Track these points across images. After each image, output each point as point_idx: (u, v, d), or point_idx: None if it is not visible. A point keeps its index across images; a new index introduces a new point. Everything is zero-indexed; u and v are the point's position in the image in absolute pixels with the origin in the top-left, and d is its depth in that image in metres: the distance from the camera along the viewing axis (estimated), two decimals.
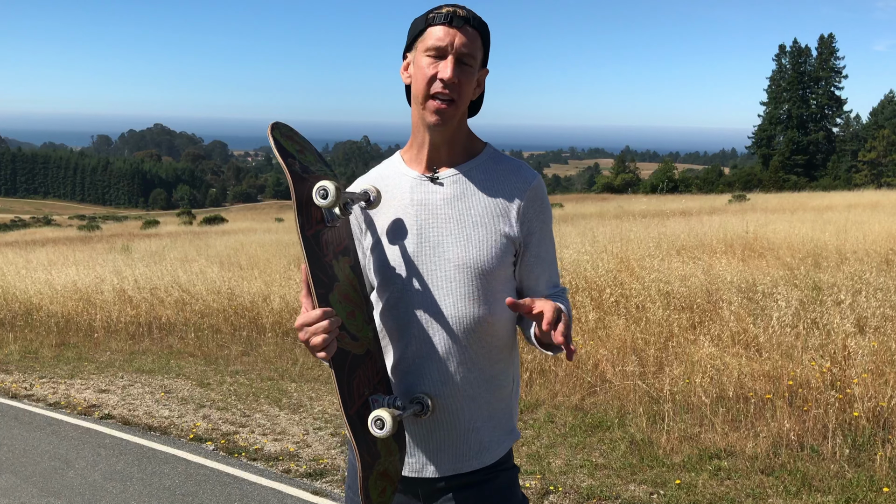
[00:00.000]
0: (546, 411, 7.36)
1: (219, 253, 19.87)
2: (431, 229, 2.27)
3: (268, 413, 7.97)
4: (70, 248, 25.97)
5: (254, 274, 14.42)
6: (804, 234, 15.41)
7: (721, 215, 24.71)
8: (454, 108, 2.19)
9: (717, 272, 10.68)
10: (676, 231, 17.00)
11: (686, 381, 7.20)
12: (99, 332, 12.51)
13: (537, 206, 2.32)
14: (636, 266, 11.40)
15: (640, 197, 61.53)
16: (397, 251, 2.29)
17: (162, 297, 13.36)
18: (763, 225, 17.99)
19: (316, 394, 8.59)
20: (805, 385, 6.71)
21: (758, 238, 14.80)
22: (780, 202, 37.61)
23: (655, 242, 14.41)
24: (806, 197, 43.64)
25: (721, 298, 9.12)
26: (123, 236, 37.77)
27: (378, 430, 2.02)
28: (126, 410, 8.33)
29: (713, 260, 12.28)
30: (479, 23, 2.21)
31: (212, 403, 8.41)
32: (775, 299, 8.69)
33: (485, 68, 2.30)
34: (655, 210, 29.62)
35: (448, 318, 2.25)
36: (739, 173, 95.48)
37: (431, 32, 2.18)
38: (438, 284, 2.25)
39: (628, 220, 20.42)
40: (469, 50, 2.17)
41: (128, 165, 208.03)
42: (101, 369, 10.22)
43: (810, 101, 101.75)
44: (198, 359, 10.60)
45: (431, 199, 2.29)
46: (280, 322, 11.48)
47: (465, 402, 2.29)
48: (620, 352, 8.05)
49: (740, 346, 7.77)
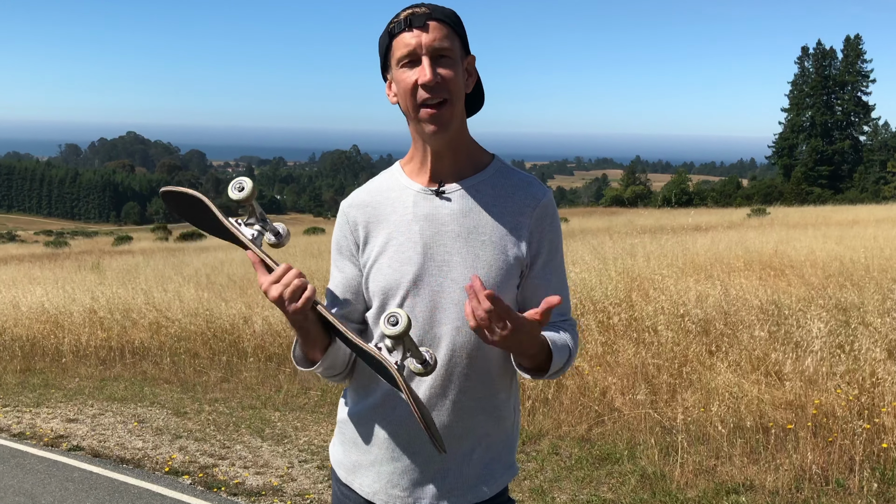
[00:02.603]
0: (550, 442, 7.36)
1: (197, 271, 19.87)
2: (438, 247, 2.27)
3: (249, 444, 7.97)
4: (36, 266, 25.97)
5: (234, 294, 14.42)
6: (829, 250, 15.44)
7: (739, 231, 24.75)
8: (449, 107, 2.19)
9: (735, 292, 10.70)
10: (691, 248, 17.02)
11: (701, 409, 7.21)
12: (67, 356, 12.50)
13: (547, 225, 2.32)
14: (647, 286, 11.42)
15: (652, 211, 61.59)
16: (399, 269, 2.28)
17: (135, 319, 13.36)
18: (784, 241, 18.03)
19: (301, 423, 8.59)
20: (830, 414, 6.72)
21: (779, 255, 14.82)
22: (802, 216, 37.66)
23: (668, 260, 14.43)
24: (830, 211, 43.75)
25: (739, 321, 9.13)
26: (94, 253, 37.73)
27: (391, 327, 2.00)
28: (96, 441, 8.32)
29: (731, 279, 12.30)
30: (443, 13, 2.21)
31: (189, 434, 8.41)
32: (798, 322, 8.71)
33: (469, 55, 2.29)
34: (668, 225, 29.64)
35: (451, 344, 2.25)
36: (759, 185, 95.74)
37: (398, 43, 2.19)
38: (443, 307, 2.25)
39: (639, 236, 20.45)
40: (441, 43, 2.17)
41: (98, 177, 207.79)
42: (69, 397, 10.21)
43: (835, 108, 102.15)
44: (174, 386, 10.60)
45: (438, 214, 2.29)
46: (262, 346, 11.48)
47: (464, 433, 2.30)
48: (630, 378, 8.06)
49: (760, 373, 7.77)
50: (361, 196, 2.42)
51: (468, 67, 2.28)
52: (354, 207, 2.41)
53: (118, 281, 17.97)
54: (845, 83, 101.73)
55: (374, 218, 2.36)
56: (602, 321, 9.60)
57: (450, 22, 2.21)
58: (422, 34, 2.16)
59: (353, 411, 2.43)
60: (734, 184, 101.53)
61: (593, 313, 9.89)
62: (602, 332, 9.20)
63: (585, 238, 23.67)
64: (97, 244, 56.52)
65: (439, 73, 2.16)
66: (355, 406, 2.42)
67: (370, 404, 2.36)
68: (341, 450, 2.47)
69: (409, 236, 2.29)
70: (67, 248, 49.88)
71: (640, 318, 9.54)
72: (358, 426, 2.40)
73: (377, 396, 2.34)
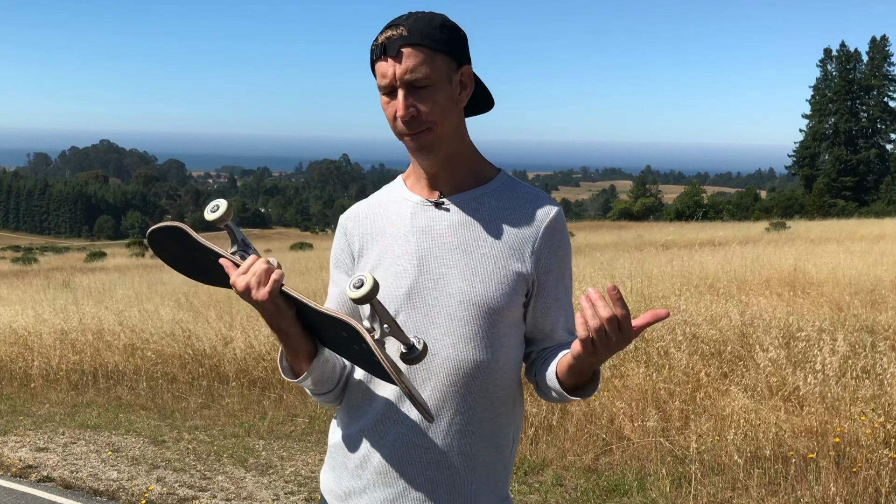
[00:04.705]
0: (554, 473, 7.38)
1: (175, 289, 19.86)
2: (434, 259, 2.30)
3: (232, 475, 7.98)
4: (3, 284, 25.95)
5: (214, 314, 14.42)
6: (854, 267, 15.46)
7: (757, 246, 24.76)
8: (431, 134, 2.24)
9: (752, 312, 10.71)
10: (705, 265, 17.04)
11: (716, 437, 7.22)
12: (36, 380, 12.50)
13: (556, 242, 2.35)
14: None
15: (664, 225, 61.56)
16: (393, 282, 2.31)
17: (109, 341, 13.36)
18: (805, 257, 18.05)
19: (288, 453, 8.60)
20: (854, 443, 6.74)
21: (800, 272, 14.85)
22: (825, 231, 37.71)
23: (681, 278, 14.46)
24: (855, 224, 43.74)
25: (757, 342, 9.15)
26: (64, 270, 37.69)
27: (355, 290, 2.03)
28: (68, 472, 8.33)
29: (748, 298, 12.32)
30: (420, 35, 2.21)
31: (167, 464, 8.41)
32: (820, 343, 8.72)
33: (463, 66, 2.30)
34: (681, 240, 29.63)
35: (446, 361, 2.27)
36: (778, 197, 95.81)
37: (377, 69, 2.25)
38: (438, 322, 2.28)
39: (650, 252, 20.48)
40: (415, 74, 2.19)
41: (69, 188, 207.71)
42: (38, 424, 10.22)
43: (860, 114, 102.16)
44: (151, 412, 10.60)
45: (435, 225, 2.32)
46: (245, 370, 11.49)
47: (460, 459, 2.31)
48: (640, 404, 8.08)
49: (779, 398, 7.79)
50: (360, 208, 2.48)
51: (463, 79, 2.31)
52: (352, 220, 2.47)
53: (91, 300, 17.97)
54: (871, 87, 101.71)
55: (370, 230, 2.41)
56: None
57: (428, 43, 2.21)
58: (395, 64, 2.19)
59: (345, 434, 2.45)
60: (752, 196, 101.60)
61: None
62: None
63: (592, 254, 23.71)
64: (68, 260, 56.48)
65: (414, 106, 2.21)
66: (347, 429, 2.44)
67: (362, 426, 2.38)
68: (332, 476, 2.49)
69: (405, 248, 2.32)
70: (36, 265, 49.81)
71: (650, 338, 9.56)
72: (350, 450, 2.42)
73: (370, 418, 2.37)
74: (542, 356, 2.41)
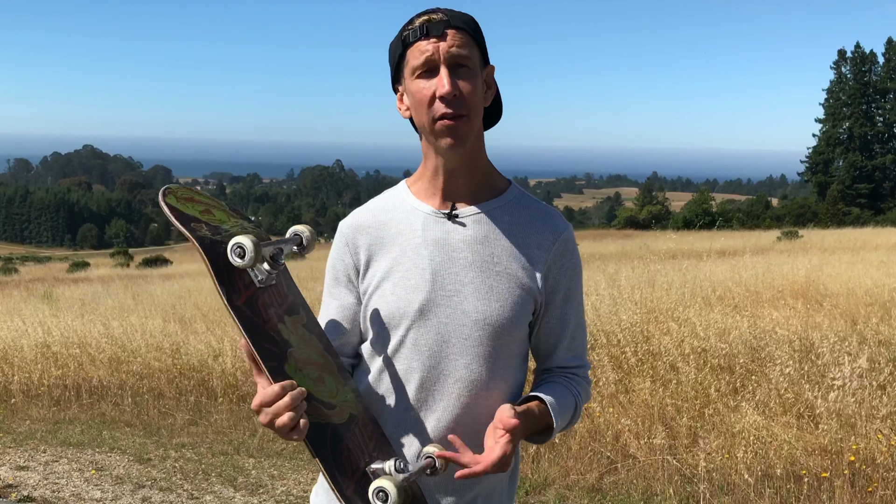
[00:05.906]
0: (557, 492, 7.37)
1: (161, 301, 19.88)
2: (448, 275, 2.28)
3: (221, 495, 7.97)
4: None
5: (202, 326, 14.42)
6: (870, 278, 15.47)
7: (768, 256, 24.77)
8: (467, 122, 2.20)
9: (763, 325, 10.71)
10: (715, 275, 17.04)
11: (725, 455, 7.22)
12: (16, 396, 12.49)
13: (566, 261, 2.35)
14: (666, 318, 11.44)
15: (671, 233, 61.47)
16: (405, 297, 2.29)
17: (93, 355, 13.35)
18: (819, 267, 18.06)
19: (279, 471, 8.59)
20: (870, 462, 6.74)
21: (813, 283, 14.85)
22: (839, 240, 37.71)
23: (689, 289, 14.45)
24: (871, 233, 43.78)
25: (768, 357, 9.15)
26: (46, 281, 37.69)
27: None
28: (49, 491, 8.32)
29: (759, 310, 12.32)
30: (462, 20, 2.22)
31: (153, 483, 8.41)
32: (834, 358, 8.72)
33: (489, 65, 2.31)
34: (689, 250, 29.60)
35: (458, 382, 2.27)
36: (790, 205, 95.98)
37: (413, 51, 2.21)
38: (452, 341, 2.27)
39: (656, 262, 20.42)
40: (460, 51, 2.18)
41: (51, 195, 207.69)
42: (19, 442, 10.21)
43: (876, 118, 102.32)
44: (136, 429, 10.59)
45: (450, 239, 2.30)
46: (234, 385, 11.48)
47: (469, 480, 2.31)
48: (646, 421, 8.07)
49: (791, 415, 7.79)
50: (364, 216, 2.42)
51: (487, 79, 2.31)
52: (355, 229, 2.41)
53: (74, 312, 17.96)
54: (887, 91, 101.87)
55: (377, 241, 2.37)
56: (615, 356, 9.61)
57: (469, 30, 2.22)
58: (439, 42, 2.17)
59: None
60: (763, 203, 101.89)
61: (606, 347, 9.90)
62: (615, 369, 9.22)
63: (597, 264, 23.69)
64: (50, 271, 56.46)
65: (458, 84, 2.18)
66: None
67: None
68: (325, 498, 2.48)
69: (417, 262, 2.30)
70: (17, 276, 49.79)
71: (657, 352, 9.56)
72: None
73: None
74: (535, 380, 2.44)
